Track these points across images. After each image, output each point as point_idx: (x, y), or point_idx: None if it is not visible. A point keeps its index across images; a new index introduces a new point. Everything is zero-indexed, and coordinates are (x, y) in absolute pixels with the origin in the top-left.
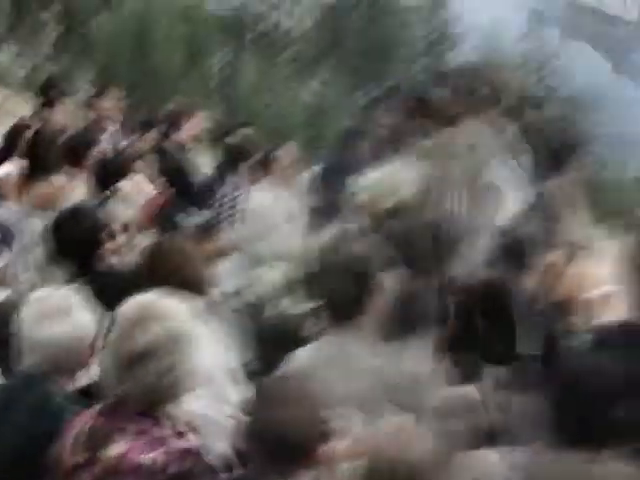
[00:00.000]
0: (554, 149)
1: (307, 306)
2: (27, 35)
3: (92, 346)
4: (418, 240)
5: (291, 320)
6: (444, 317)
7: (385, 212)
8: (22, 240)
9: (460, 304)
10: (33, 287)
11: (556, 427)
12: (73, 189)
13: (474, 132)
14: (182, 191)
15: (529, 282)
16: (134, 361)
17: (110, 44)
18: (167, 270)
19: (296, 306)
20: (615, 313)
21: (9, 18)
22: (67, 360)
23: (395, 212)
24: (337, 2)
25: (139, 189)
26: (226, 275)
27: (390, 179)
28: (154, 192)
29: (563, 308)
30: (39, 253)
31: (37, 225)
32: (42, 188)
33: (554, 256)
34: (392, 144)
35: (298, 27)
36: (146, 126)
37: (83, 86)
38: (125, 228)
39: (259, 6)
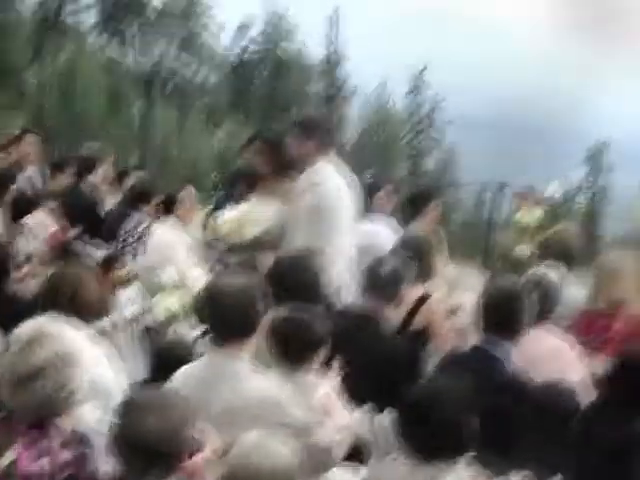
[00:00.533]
0: (413, 196)
1: (198, 330)
2: None
3: None
4: (293, 272)
5: (184, 343)
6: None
7: (244, 243)
8: None
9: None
10: None
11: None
12: None
13: (323, 172)
14: (93, 226)
15: (395, 312)
16: (28, 378)
17: (39, 94)
18: (62, 297)
19: (189, 330)
20: (469, 339)
21: None
22: None
23: (253, 244)
24: (246, 59)
25: (43, 225)
26: (127, 302)
27: (246, 215)
28: (56, 227)
29: (424, 336)
30: None
31: None
32: None
33: (418, 290)
34: (252, 183)
35: (209, 81)
36: (58, 168)
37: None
38: (28, 259)
39: (174, 62)
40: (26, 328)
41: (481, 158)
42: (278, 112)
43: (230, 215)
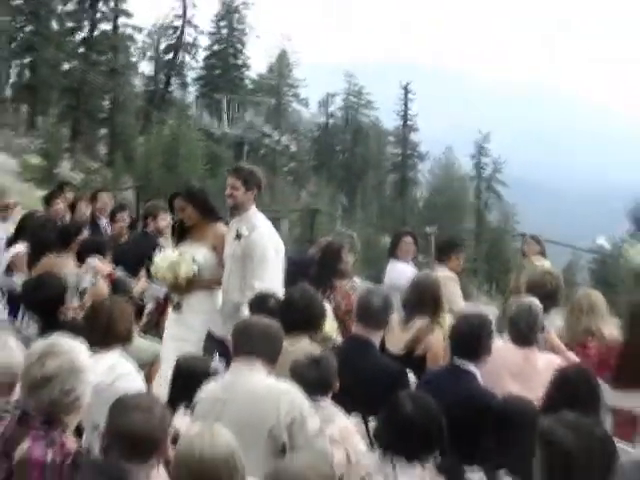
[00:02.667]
0: (441, 245)
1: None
2: (82, 151)
3: (15, 374)
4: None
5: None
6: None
7: (179, 282)
8: None
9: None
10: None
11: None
12: (64, 264)
13: (257, 217)
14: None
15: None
16: (40, 385)
17: (147, 158)
18: (98, 323)
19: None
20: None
21: (69, 138)
22: (2, 382)
23: (186, 282)
24: (329, 126)
25: (100, 267)
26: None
27: (183, 255)
28: (108, 270)
29: (424, 360)
30: None
31: None
32: (43, 263)
33: (425, 321)
34: (183, 232)
35: (295, 146)
36: (118, 211)
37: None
38: (83, 293)
39: (263, 129)
40: (41, 343)
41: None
42: (357, 174)
43: (167, 255)
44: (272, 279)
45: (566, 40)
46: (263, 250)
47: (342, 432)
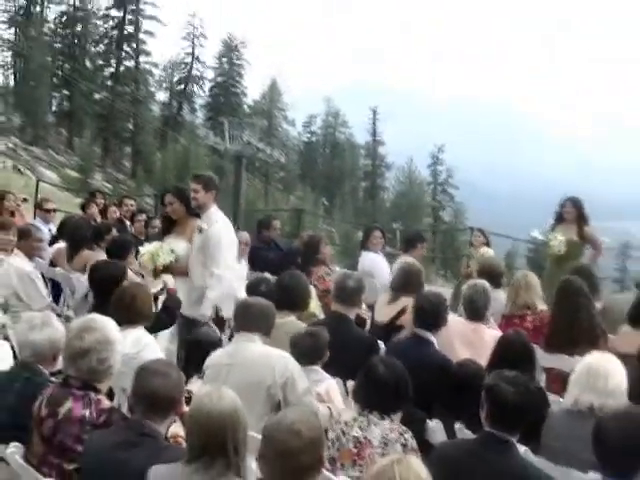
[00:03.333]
0: (407, 238)
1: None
2: (111, 165)
3: (60, 346)
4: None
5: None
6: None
7: (158, 269)
8: (66, 291)
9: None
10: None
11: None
12: (97, 258)
13: (216, 215)
14: None
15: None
16: (79, 355)
17: (163, 170)
18: (123, 303)
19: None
20: None
21: (100, 156)
22: (47, 354)
23: (165, 269)
24: (312, 143)
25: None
26: None
27: (160, 247)
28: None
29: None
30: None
31: (79, 281)
32: (80, 257)
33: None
34: (169, 225)
35: (284, 159)
36: (137, 214)
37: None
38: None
39: (258, 143)
40: (79, 320)
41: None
42: (335, 181)
43: (149, 247)
44: (227, 266)
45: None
46: (218, 241)
47: (328, 391)
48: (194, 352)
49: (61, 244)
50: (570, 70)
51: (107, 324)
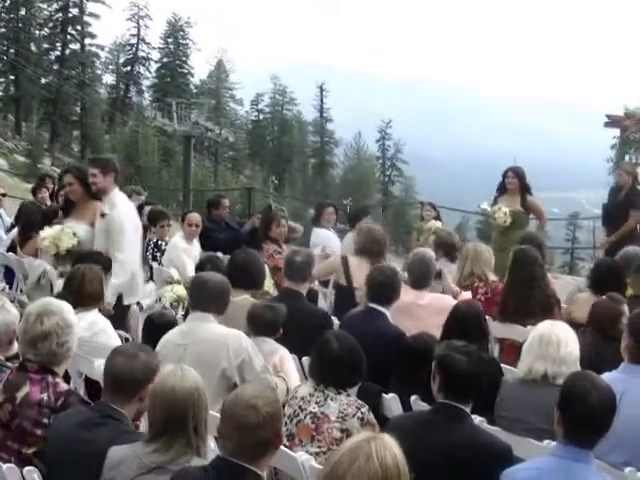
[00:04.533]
0: (353, 213)
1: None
2: (59, 149)
3: (15, 330)
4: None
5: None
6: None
7: (60, 253)
8: (19, 276)
9: None
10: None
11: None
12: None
13: (118, 198)
14: None
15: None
16: (39, 339)
17: (112, 153)
18: (73, 286)
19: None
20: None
21: (48, 140)
22: (2, 338)
23: (69, 253)
24: (260, 121)
25: None
26: (148, 293)
27: (61, 231)
28: None
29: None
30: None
31: (31, 266)
32: (31, 243)
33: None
34: (69, 207)
35: (233, 137)
36: None
37: None
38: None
39: (206, 123)
40: (36, 304)
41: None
42: (284, 159)
43: (49, 231)
44: (130, 249)
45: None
46: (121, 225)
47: (282, 361)
48: (149, 333)
49: (15, 230)
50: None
51: (64, 307)
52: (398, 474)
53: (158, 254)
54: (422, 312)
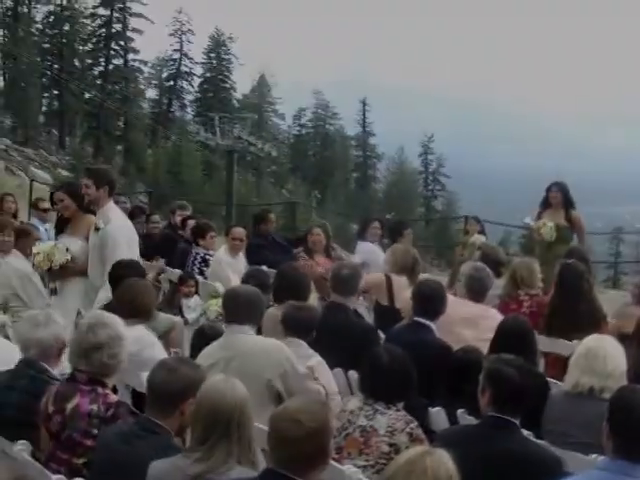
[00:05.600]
0: (392, 226)
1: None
2: (102, 163)
3: (64, 342)
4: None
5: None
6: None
7: (54, 268)
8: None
9: None
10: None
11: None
12: None
13: (112, 212)
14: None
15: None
16: (90, 350)
17: (155, 167)
18: (124, 300)
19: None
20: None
21: (91, 154)
22: (53, 350)
23: (63, 269)
24: (302, 135)
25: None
26: (193, 307)
27: (57, 246)
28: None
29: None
30: None
31: None
32: None
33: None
34: (62, 223)
35: (276, 151)
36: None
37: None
38: None
39: (249, 137)
40: (88, 316)
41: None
42: (326, 173)
43: (42, 247)
44: None
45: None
46: (114, 240)
47: (318, 366)
48: (199, 345)
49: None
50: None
51: (116, 320)
52: None
53: (205, 268)
54: (488, 324)
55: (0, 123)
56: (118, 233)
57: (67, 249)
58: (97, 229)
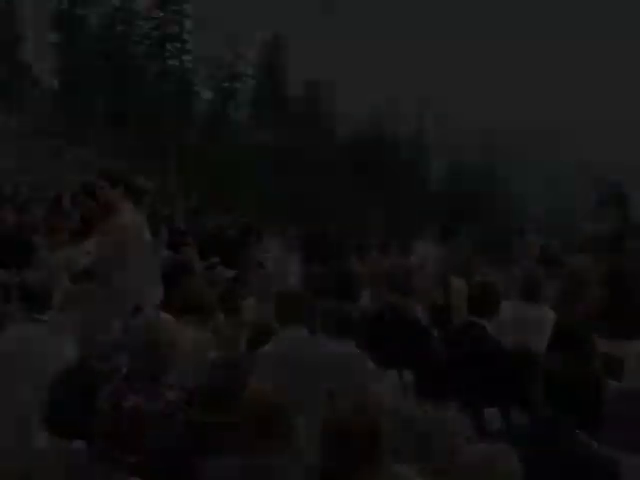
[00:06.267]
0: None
1: None
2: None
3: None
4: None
5: None
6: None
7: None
8: None
9: None
10: None
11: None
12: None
13: (128, 214)
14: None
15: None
16: (153, 347)
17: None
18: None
19: None
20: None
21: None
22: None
23: (86, 273)
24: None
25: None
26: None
27: (79, 251)
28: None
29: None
30: None
31: None
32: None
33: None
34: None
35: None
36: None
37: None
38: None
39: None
40: (145, 314)
41: None
42: None
43: (65, 252)
44: (134, 268)
45: None
46: (124, 243)
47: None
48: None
49: None
50: None
51: (172, 320)
52: None
53: None
54: (542, 327)
55: (57, 124)
56: (138, 235)
57: (89, 253)
58: (110, 232)
